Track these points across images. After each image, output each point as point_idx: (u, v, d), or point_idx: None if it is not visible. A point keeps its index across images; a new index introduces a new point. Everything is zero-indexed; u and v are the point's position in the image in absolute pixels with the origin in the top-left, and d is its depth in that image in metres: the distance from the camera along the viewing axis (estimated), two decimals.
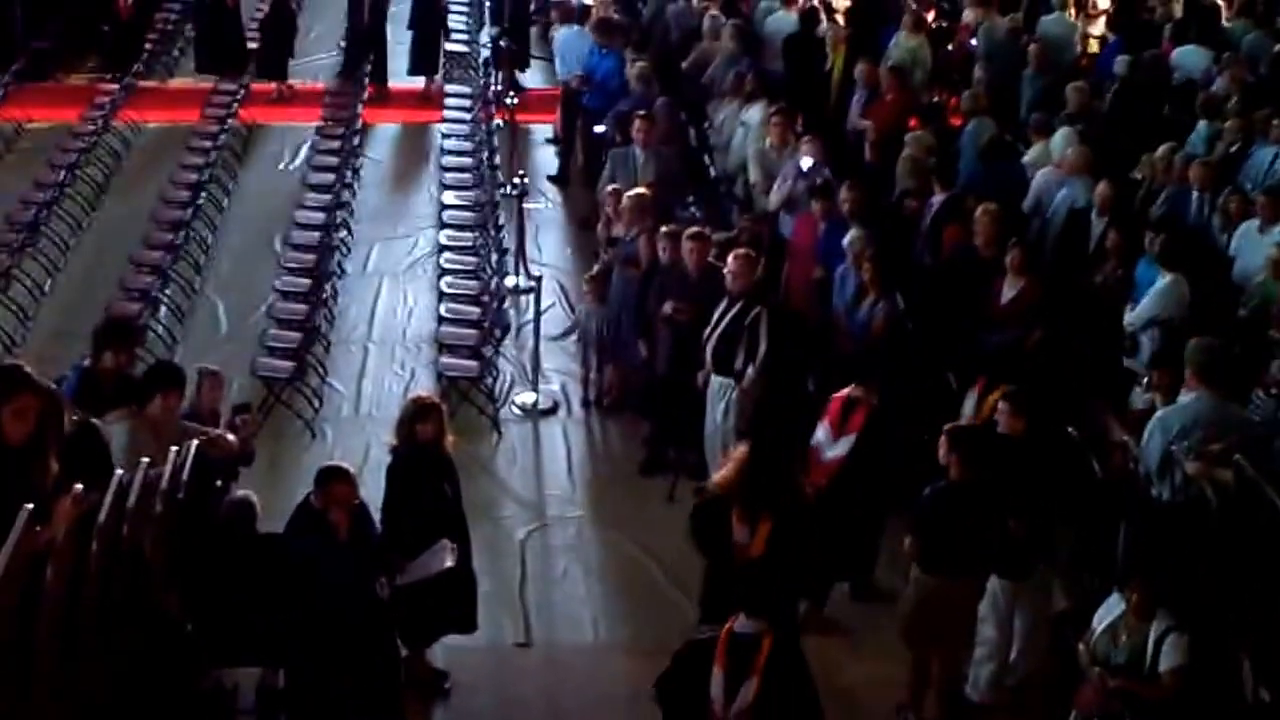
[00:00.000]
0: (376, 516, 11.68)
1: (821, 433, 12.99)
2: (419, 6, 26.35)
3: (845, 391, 13.01)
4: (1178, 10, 23.69)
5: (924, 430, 12.74)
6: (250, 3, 27.92)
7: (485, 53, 26.73)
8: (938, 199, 16.53)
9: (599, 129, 21.07)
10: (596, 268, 16.98)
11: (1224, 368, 12.19)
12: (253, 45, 27.01)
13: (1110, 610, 10.87)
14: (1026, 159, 17.99)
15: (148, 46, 27.47)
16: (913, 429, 13.36)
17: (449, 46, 27.20)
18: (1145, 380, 13.15)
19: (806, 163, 17.40)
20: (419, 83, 26.79)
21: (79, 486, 8.63)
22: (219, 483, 12.47)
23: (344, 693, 10.91)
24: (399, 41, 27.03)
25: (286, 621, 10.92)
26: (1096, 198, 16.01)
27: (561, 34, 23.74)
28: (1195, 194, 16.35)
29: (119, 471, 10.10)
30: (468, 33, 28.24)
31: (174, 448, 11.20)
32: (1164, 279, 14.37)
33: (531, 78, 27.12)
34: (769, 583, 10.02)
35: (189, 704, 11.46)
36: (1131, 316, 14.24)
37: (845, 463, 12.77)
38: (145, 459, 10.51)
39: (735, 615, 9.73)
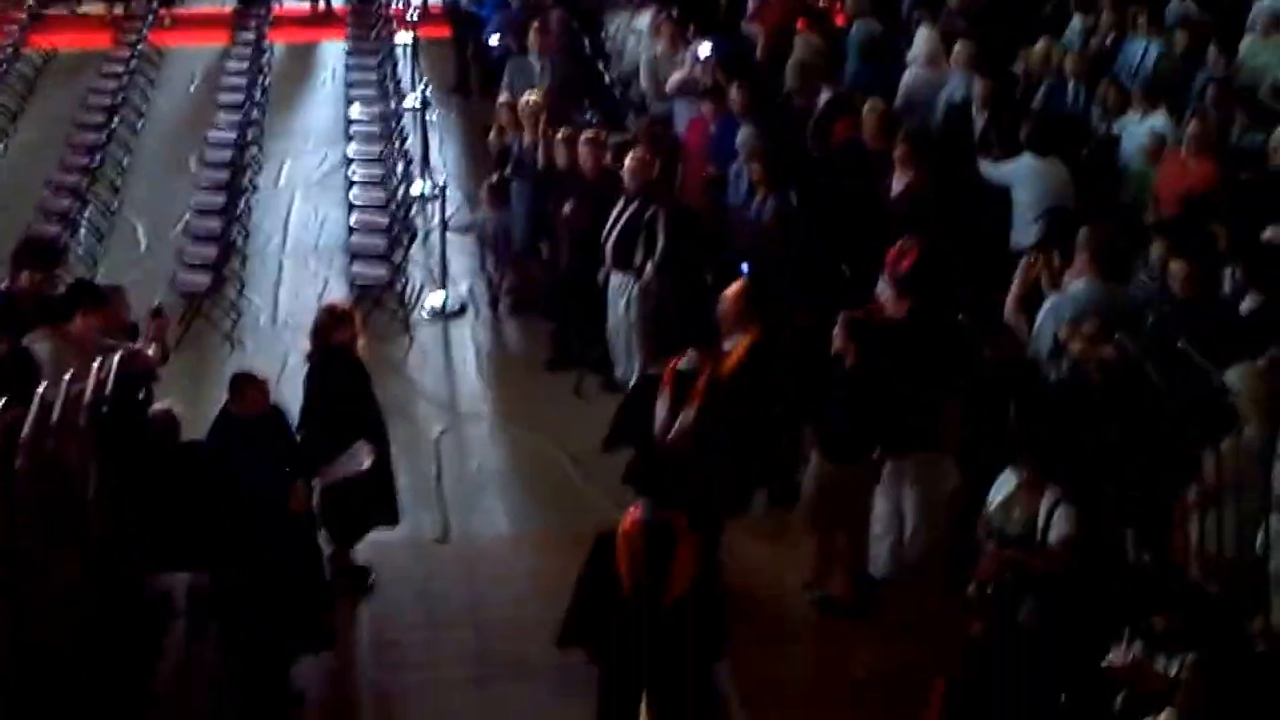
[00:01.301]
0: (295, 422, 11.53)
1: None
2: None
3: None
4: None
5: (821, 321, 12.64)
6: None
7: None
8: (825, 97, 16.32)
9: (493, 40, 20.79)
10: (495, 176, 16.69)
11: (1114, 253, 12.10)
12: None
13: (1003, 486, 10.81)
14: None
15: None
16: (809, 320, 13.24)
17: None
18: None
19: (704, 50, 17.18)
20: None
21: None
22: (141, 394, 12.27)
23: (271, 593, 10.73)
24: None
25: (211, 527, 10.71)
26: (976, 92, 15.85)
27: None
28: (1071, 85, 16.24)
29: (41, 388, 9.90)
30: None
31: (96, 362, 11.00)
32: (1040, 165, 14.26)
33: None
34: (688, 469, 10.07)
35: (128, 612, 11.36)
36: (1024, 211, 14.14)
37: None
38: (69, 375, 10.31)
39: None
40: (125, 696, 10.85)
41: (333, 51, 24.64)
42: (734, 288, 12.36)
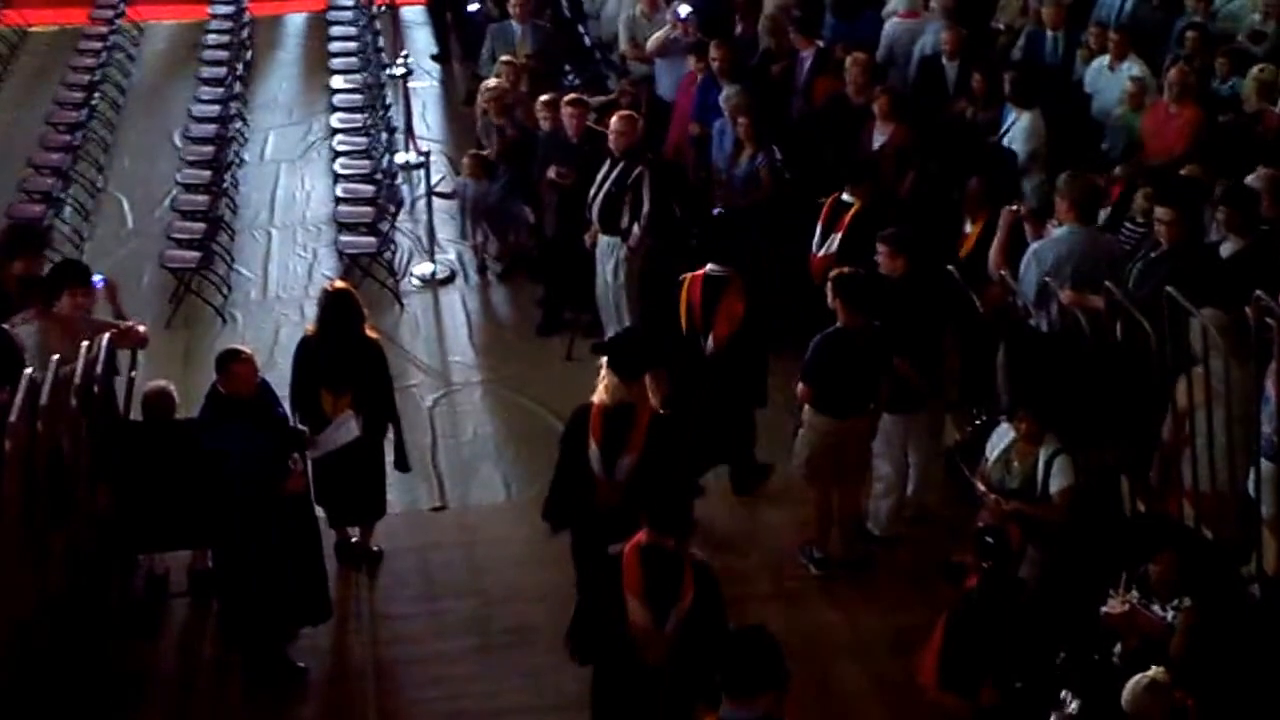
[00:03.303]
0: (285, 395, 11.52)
1: None
2: None
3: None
4: None
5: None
6: None
7: None
8: (808, 54, 16.19)
9: (472, 6, 20.65)
10: (489, 150, 16.53)
11: (1095, 200, 12.04)
12: None
13: (1001, 439, 10.82)
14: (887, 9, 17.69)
15: None
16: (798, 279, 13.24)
17: None
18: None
19: (684, 10, 17.07)
20: None
21: None
22: (133, 374, 12.21)
23: (270, 567, 10.67)
24: None
25: (208, 504, 10.64)
26: (944, 41, 15.76)
27: None
28: (1050, 34, 16.13)
29: (28, 371, 9.82)
30: None
31: (85, 344, 10.91)
32: (1023, 117, 14.21)
33: None
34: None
35: (123, 594, 11.32)
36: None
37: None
38: (56, 357, 10.22)
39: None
40: (124, 677, 10.84)
41: (313, 22, 24.43)
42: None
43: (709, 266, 12.33)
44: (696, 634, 8.83)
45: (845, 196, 13.30)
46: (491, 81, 16.85)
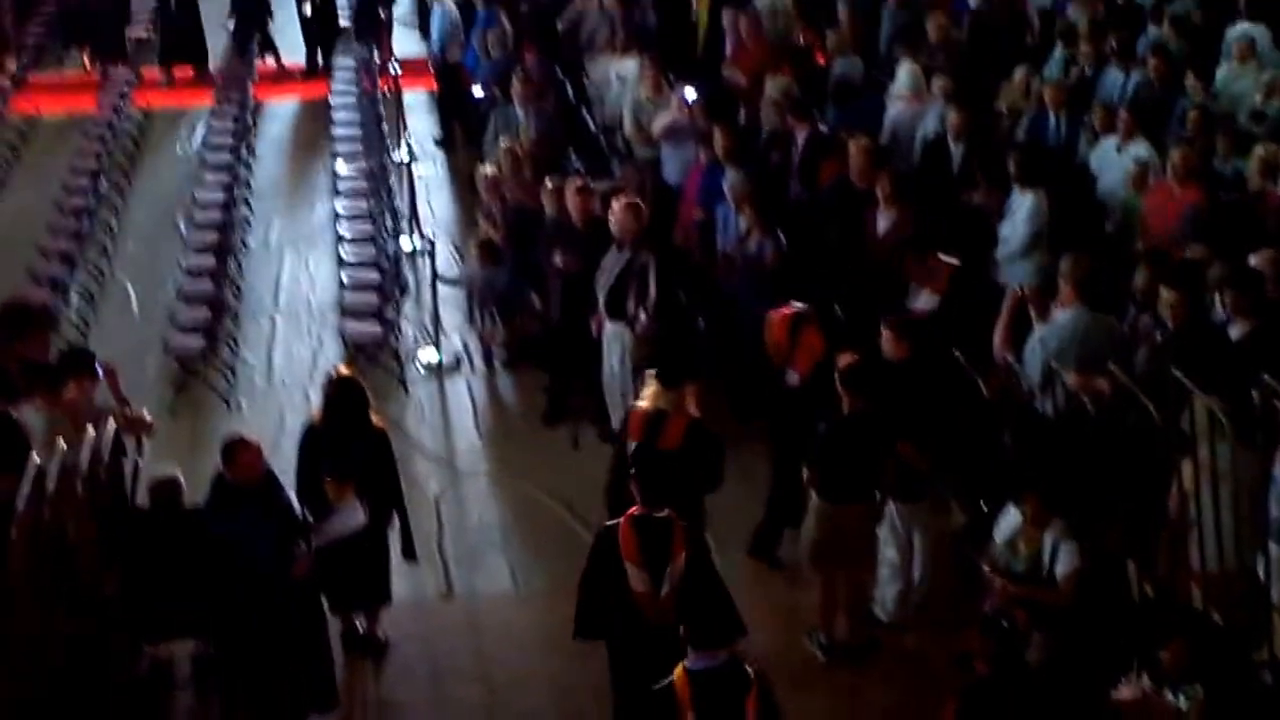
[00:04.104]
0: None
1: None
2: None
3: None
4: None
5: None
6: None
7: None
8: (802, 135, 16.28)
9: (477, 92, 20.79)
10: (493, 235, 16.60)
11: (1098, 282, 12.08)
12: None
13: (1007, 522, 10.83)
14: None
15: (33, 40, 26.93)
16: None
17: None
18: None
19: (690, 94, 17.15)
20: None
21: None
22: (139, 460, 12.24)
23: (275, 657, 10.67)
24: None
25: (213, 593, 10.65)
26: (950, 124, 15.82)
27: (439, 8, 23.27)
28: (1053, 116, 16.21)
29: (34, 458, 9.86)
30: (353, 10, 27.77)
31: (91, 431, 10.95)
32: (1027, 197, 14.25)
33: (404, 46, 26.74)
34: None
35: (127, 682, 11.29)
36: (1011, 245, 14.12)
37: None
38: (63, 444, 10.26)
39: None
40: None
41: (317, 107, 24.55)
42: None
43: (792, 304, 12.75)
44: (692, 591, 9.54)
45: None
46: (489, 168, 16.94)
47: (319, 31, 26.17)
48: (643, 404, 11.68)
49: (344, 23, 26.83)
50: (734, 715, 8.91)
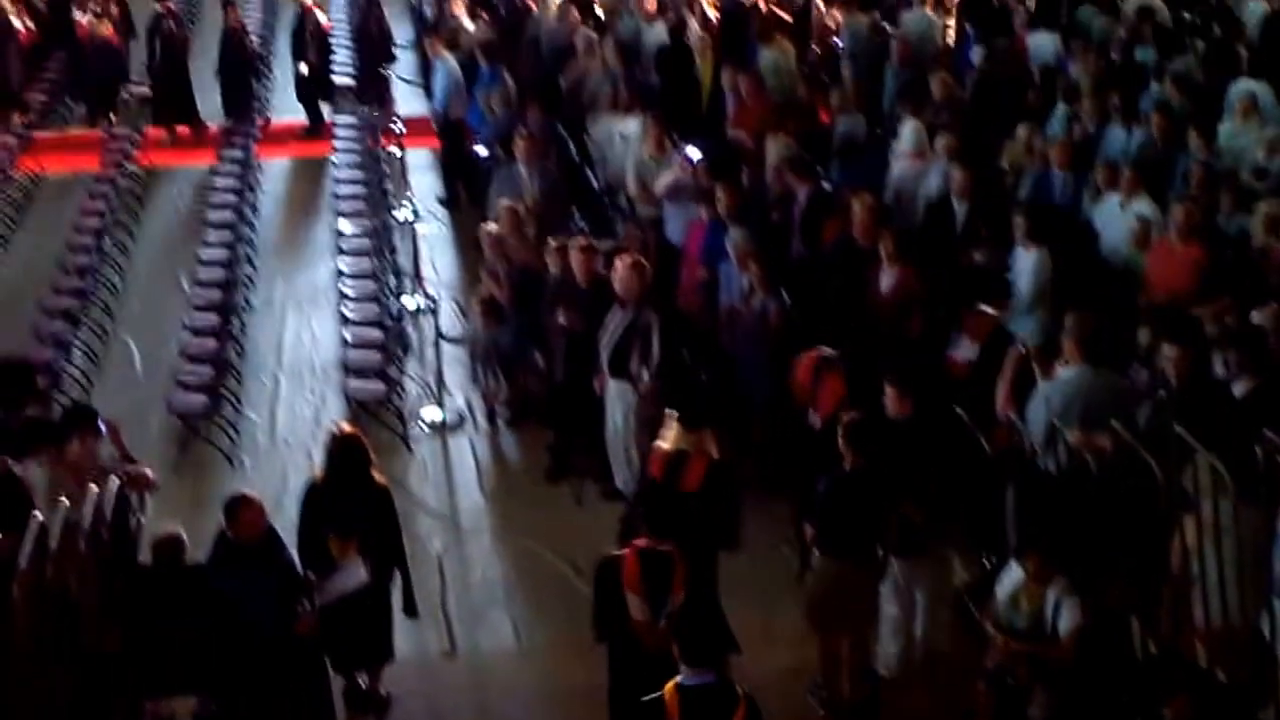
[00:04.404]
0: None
1: None
2: (226, 52, 26.05)
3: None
4: None
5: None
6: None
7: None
8: (803, 193, 16.36)
9: (481, 151, 20.86)
10: (496, 292, 16.65)
11: (1101, 340, 12.12)
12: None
13: (1010, 579, 10.83)
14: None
15: (39, 98, 27.03)
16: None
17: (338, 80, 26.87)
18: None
19: (695, 153, 17.25)
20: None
21: None
22: (141, 518, 12.27)
23: (277, 714, 10.68)
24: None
25: (215, 651, 10.66)
26: (954, 183, 15.89)
27: (443, 66, 23.37)
28: (1058, 173, 16.28)
29: (37, 515, 9.89)
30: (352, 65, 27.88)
31: (94, 488, 10.98)
32: (1030, 253, 14.29)
33: (407, 104, 26.84)
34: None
35: None
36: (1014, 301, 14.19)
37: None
38: (66, 501, 10.30)
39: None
40: None
41: (319, 166, 24.59)
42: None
43: (820, 349, 13.19)
44: (689, 625, 9.55)
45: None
46: (491, 226, 17.01)
47: (315, 91, 26.25)
48: (664, 444, 11.96)
49: (340, 79, 26.93)
50: None
